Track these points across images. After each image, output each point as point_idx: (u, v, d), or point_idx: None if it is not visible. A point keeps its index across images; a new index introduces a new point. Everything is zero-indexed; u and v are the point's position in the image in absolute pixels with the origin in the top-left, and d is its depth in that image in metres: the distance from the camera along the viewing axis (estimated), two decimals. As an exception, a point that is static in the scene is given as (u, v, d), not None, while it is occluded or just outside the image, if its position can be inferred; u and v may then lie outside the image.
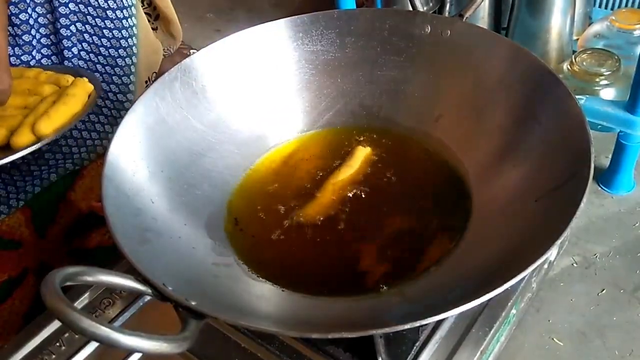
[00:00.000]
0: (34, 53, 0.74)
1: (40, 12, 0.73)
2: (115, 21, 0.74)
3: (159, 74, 0.80)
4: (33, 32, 0.73)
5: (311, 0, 1.24)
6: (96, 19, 0.73)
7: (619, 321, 0.57)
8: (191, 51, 1.03)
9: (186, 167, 0.54)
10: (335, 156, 0.59)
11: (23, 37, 0.72)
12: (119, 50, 0.76)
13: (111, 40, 0.75)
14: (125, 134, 0.49)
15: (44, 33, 0.74)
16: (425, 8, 0.84)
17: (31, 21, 0.72)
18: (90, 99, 0.66)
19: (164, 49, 0.92)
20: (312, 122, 0.63)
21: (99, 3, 0.73)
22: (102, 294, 0.55)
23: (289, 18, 0.60)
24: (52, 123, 0.62)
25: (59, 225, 0.69)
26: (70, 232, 0.69)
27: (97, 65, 0.75)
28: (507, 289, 0.35)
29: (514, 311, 0.51)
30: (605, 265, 0.62)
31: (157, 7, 0.91)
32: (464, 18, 0.57)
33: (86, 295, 0.54)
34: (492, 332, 0.48)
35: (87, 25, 0.73)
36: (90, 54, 0.75)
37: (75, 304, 0.50)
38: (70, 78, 0.70)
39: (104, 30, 0.74)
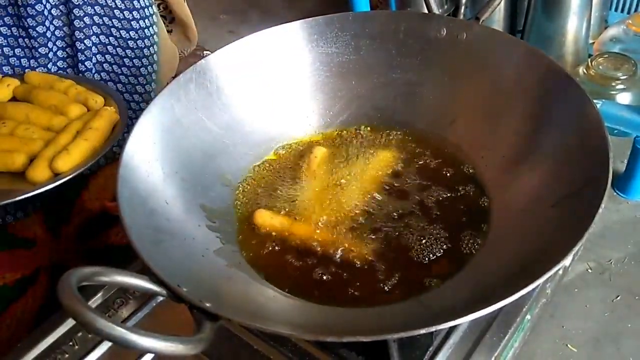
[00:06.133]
0: (49, 66, 0.74)
1: (57, 25, 0.73)
2: (139, 31, 0.75)
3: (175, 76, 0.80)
4: (50, 44, 0.73)
5: (324, 2, 1.24)
6: (121, 31, 0.74)
7: (634, 328, 0.56)
8: (205, 52, 1.03)
9: (200, 168, 0.54)
10: (350, 159, 0.59)
11: (40, 50, 0.73)
12: (142, 60, 0.76)
13: (135, 51, 0.75)
14: (141, 135, 0.50)
15: (61, 45, 0.74)
16: (440, 10, 0.84)
17: (48, 34, 0.73)
18: (114, 133, 0.66)
19: (178, 52, 0.93)
20: (326, 125, 0.63)
21: (124, 15, 0.73)
22: (115, 294, 0.55)
23: (304, 20, 0.60)
24: (71, 160, 0.61)
25: (73, 225, 0.69)
26: (83, 232, 0.69)
27: (120, 77, 0.76)
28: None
29: (528, 317, 0.51)
30: (620, 271, 0.61)
31: (173, 11, 0.92)
32: (480, 21, 0.57)
33: (99, 295, 0.54)
34: (506, 338, 0.48)
35: (110, 37, 0.74)
36: (114, 65, 0.75)
37: (89, 304, 0.51)
38: (100, 99, 0.69)
39: (129, 42, 0.75)
